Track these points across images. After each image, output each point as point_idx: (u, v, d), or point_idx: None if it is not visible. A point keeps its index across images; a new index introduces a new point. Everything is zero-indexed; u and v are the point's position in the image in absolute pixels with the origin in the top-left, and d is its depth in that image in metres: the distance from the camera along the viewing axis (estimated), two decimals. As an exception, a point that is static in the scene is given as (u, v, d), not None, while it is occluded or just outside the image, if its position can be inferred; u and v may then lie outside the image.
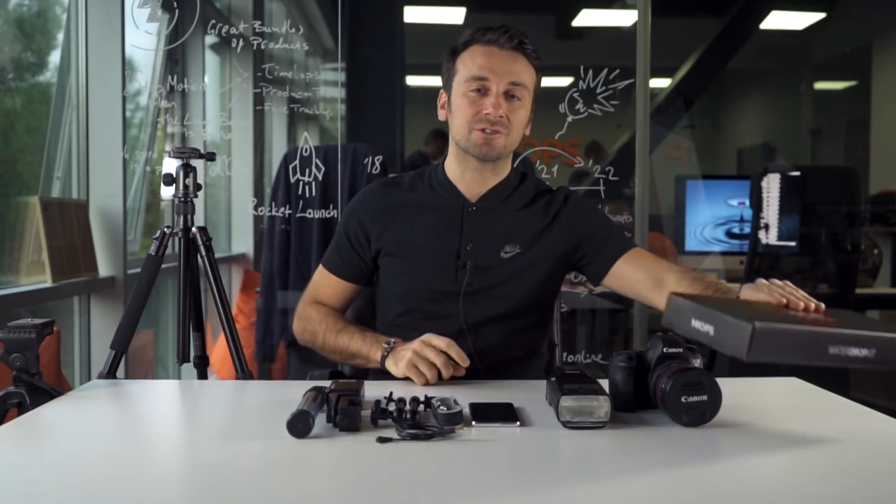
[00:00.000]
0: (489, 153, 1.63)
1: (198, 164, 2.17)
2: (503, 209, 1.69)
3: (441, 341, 1.45)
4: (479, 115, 1.60)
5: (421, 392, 1.31)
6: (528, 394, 1.38)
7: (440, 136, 4.65)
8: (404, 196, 1.72)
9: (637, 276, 1.64)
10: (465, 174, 1.69)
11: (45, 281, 2.50)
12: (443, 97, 1.71)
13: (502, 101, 1.60)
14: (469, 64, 1.63)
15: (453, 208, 1.68)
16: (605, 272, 1.68)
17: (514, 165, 1.76)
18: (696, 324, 1.03)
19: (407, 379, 1.46)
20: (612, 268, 1.66)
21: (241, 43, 2.94)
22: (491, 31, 1.63)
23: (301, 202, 3.03)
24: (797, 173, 3.31)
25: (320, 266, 1.77)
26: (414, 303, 1.67)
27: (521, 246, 1.66)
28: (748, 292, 1.30)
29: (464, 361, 1.45)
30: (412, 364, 1.45)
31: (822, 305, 1.23)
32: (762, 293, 1.26)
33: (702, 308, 1.04)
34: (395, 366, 1.49)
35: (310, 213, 3.04)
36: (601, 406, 1.16)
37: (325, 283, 1.75)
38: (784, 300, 1.22)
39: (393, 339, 1.54)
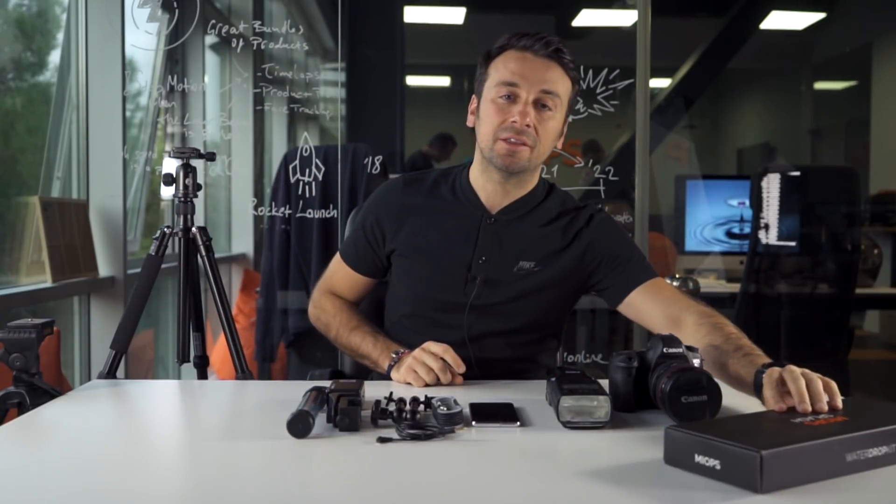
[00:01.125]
0: (512, 165, 1.57)
1: (198, 164, 2.17)
2: (522, 224, 1.64)
3: (438, 347, 1.46)
4: (506, 124, 1.54)
5: (421, 392, 1.31)
6: (528, 394, 1.38)
7: (447, 140, 4.65)
8: (424, 198, 1.69)
9: (653, 312, 1.56)
10: (487, 184, 1.64)
11: (45, 281, 2.50)
12: (473, 102, 1.65)
13: (531, 110, 1.54)
14: (501, 69, 1.57)
15: (471, 217, 1.64)
16: (620, 299, 1.61)
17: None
18: (700, 459, 0.95)
19: (409, 383, 1.47)
20: (628, 297, 1.59)
21: (241, 43, 2.94)
22: (527, 36, 1.56)
23: (301, 202, 3.03)
24: (797, 173, 3.31)
25: (337, 255, 1.78)
26: (420, 308, 1.66)
27: (535, 264, 1.61)
28: (767, 377, 1.15)
29: (459, 367, 1.45)
30: (411, 369, 1.46)
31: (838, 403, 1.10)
32: (769, 390, 1.13)
33: (704, 441, 0.95)
34: (397, 373, 1.51)
35: (310, 213, 3.03)
36: (601, 406, 1.16)
37: (340, 274, 1.75)
38: (783, 406, 1.10)
39: (401, 350, 1.54)
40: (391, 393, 1.25)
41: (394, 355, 1.53)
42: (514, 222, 1.64)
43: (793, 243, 3.21)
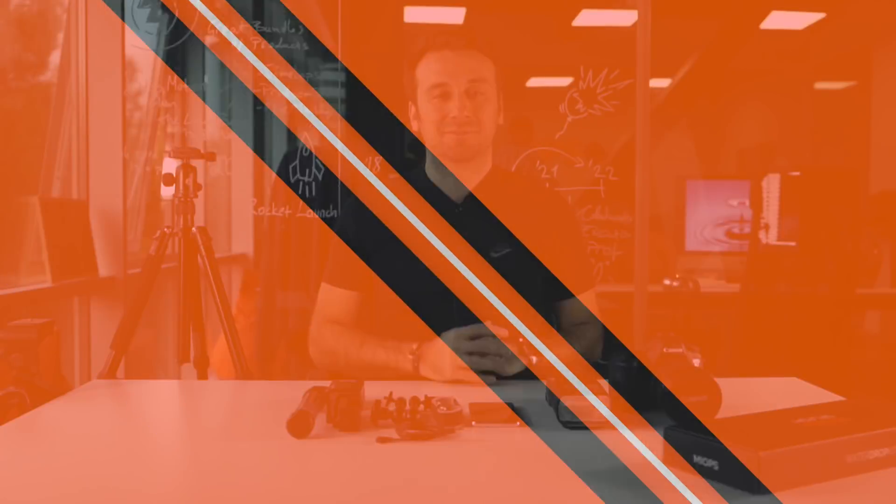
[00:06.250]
0: (464, 154, 1.65)
1: (198, 164, 2.17)
2: (489, 209, 1.69)
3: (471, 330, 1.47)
4: (447, 119, 1.63)
5: (421, 392, 1.31)
6: (528, 394, 1.38)
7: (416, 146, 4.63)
8: (391, 199, 1.73)
9: (568, 319, 1.74)
10: (445, 178, 1.71)
11: (45, 281, 2.50)
12: (412, 109, 1.73)
13: (466, 102, 1.63)
14: (427, 72, 1.66)
15: (439, 208, 1.69)
16: (556, 298, 1.73)
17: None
18: (698, 459, 0.95)
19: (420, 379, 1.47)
20: (565, 301, 1.73)
21: (241, 43, 2.94)
22: (441, 34, 1.67)
23: (301, 202, 3.02)
24: (797, 173, 3.31)
25: (323, 284, 1.75)
26: (408, 305, 1.66)
27: (510, 245, 1.66)
28: None
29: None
30: (460, 366, 1.45)
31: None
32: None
33: (702, 441, 0.95)
34: (433, 372, 1.49)
35: (310, 213, 3.03)
36: (601, 406, 1.16)
37: (332, 299, 1.72)
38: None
39: (414, 345, 1.52)
40: (391, 393, 1.25)
41: (410, 355, 1.51)
42: (481, 208, 1.69)
43: (793, 243, 3.21)
